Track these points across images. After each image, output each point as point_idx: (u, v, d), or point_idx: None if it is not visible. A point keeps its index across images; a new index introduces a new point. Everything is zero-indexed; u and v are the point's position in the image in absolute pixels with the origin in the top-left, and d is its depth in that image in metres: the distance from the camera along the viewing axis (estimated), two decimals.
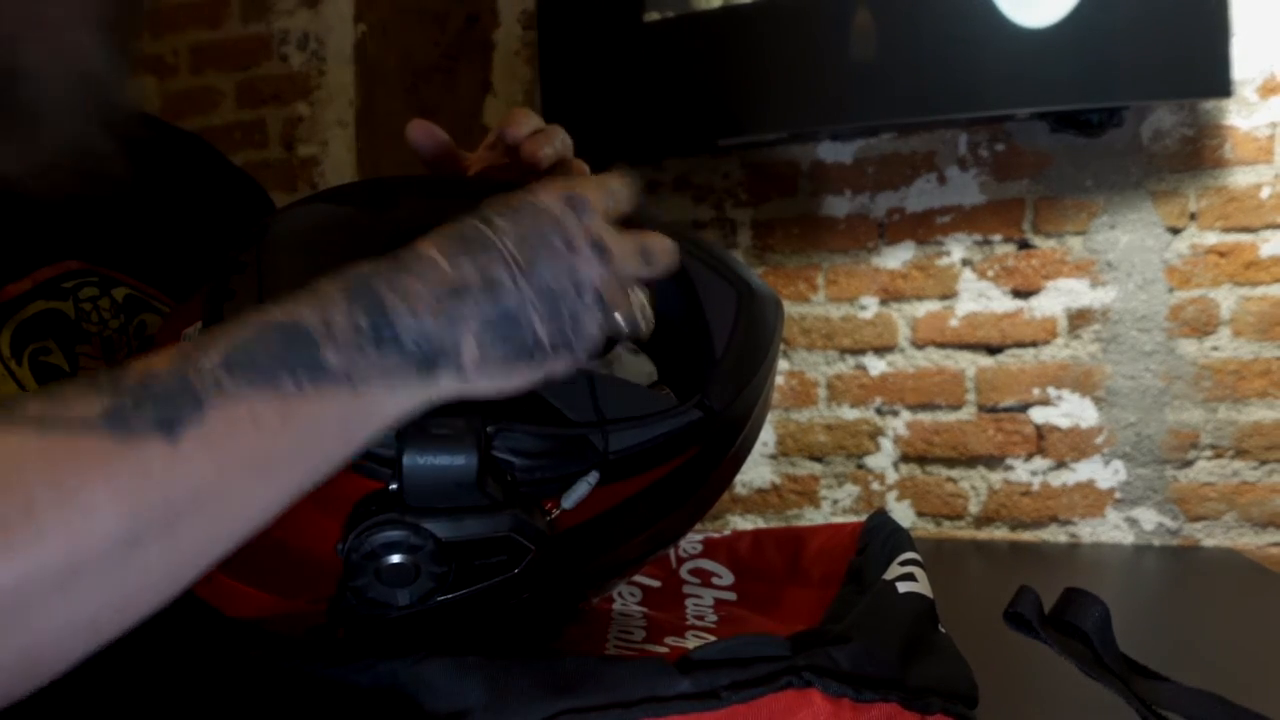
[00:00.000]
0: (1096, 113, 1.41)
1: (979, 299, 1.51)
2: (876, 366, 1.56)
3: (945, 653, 0.44)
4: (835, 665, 0.38)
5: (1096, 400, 1.46)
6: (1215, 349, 1.42)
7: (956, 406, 1.53)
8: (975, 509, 1.53)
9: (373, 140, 1.82)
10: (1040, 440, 1.49)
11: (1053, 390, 1.48)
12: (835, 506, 1.59)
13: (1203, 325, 1.42)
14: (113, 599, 0.30)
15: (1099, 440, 1.47)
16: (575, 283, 0.36)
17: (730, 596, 0.57)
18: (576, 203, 0.37)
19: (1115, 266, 1.45)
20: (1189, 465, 1.43)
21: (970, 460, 1.53)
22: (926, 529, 1.55)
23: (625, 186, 0.41)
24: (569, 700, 0.37)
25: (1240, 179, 1.40)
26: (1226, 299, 1.41)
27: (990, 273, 1.50)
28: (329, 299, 0.34)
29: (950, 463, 1.54)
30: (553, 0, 1.62)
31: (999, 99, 1.39)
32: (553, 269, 0.35)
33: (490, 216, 0.37)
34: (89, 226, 0.53)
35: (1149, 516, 1.45)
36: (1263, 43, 1.38)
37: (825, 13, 1.44)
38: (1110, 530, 1.47)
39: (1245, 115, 1.40)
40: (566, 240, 0.36)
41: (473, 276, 0.35)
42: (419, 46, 1.81)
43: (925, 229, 1.53)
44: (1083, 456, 1.47)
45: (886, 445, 1.56)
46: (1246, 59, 1.37)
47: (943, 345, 1.53)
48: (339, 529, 0.36)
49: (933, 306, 1.53)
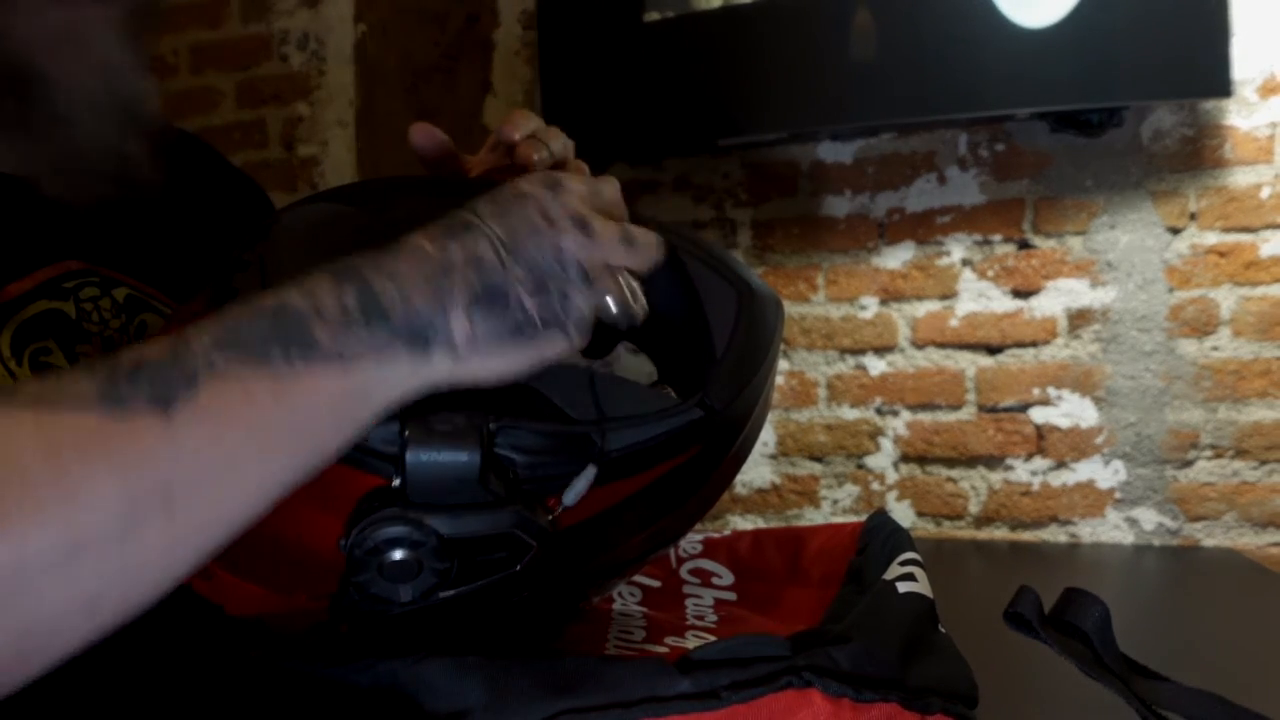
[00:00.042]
0: (1096, 113, 1.41)
1: (979, 299, 1.51)
2: (876, 366, 1.56)
3: (945, 653, 0.44)
4: (835, 665, 0.38)
5: (1096, 400, 1.46)
6: (1215, 349, 1.42)
7: (956, 406, 1.53)
8: (975, 509, 1.53)
9: (373, 140, 1.82)
10: (1040, 440, 1.49)
11: (1053, 390, 1.48)
12: (835, 506, 1.59)
13: (1203, 325, 1.42)
14: (112, 578, 0.30)
15: (1099, 440, 1.47)
16: (559, 258, 0.37)
17: (730, 596, 0.57)
18: (556, 185, 0.39)
19: (1115, 266, 1.45)
20: (1189, 465, 1.43)
21: (970, 460, 1.53)
22: (926, 529, 1.55)
23: (609, 183, 0.42)
24: (569, 700, 0.37)
25: (1240, 179, 1.40)
26: (1226, 299, 1.41)
27: (990, 273, 1.50)
28: (317, 283, 0.34)
29: (950, 463, 1.54)
30: (553, 0, 1.62)
31: (999, 99, 1.39)
32: (536, 243, 0.36)
33: (474, 205, 0.38)
34: (90, 227, 0.53)
35: (1149, 516, 1.45)
36: (1263, 43, 1.38)
37: (825, 13, 1.44)
38: (1110, 530, 1.47)
39: (1245, 115, 1.40)
40: (547, 216, 0.37)
41: (458, 256, 0.36)
42: (419, 46, 1.81)
43: (925, 229, 1.53)
44: (1083, 456, 1.47)
45: (886, 445, 1.56)
46: (1246, 59, 1.37)
47: (943, 345, 1.53)
48: (341, 526, 0.36)
49: (933, 306, 1.53)
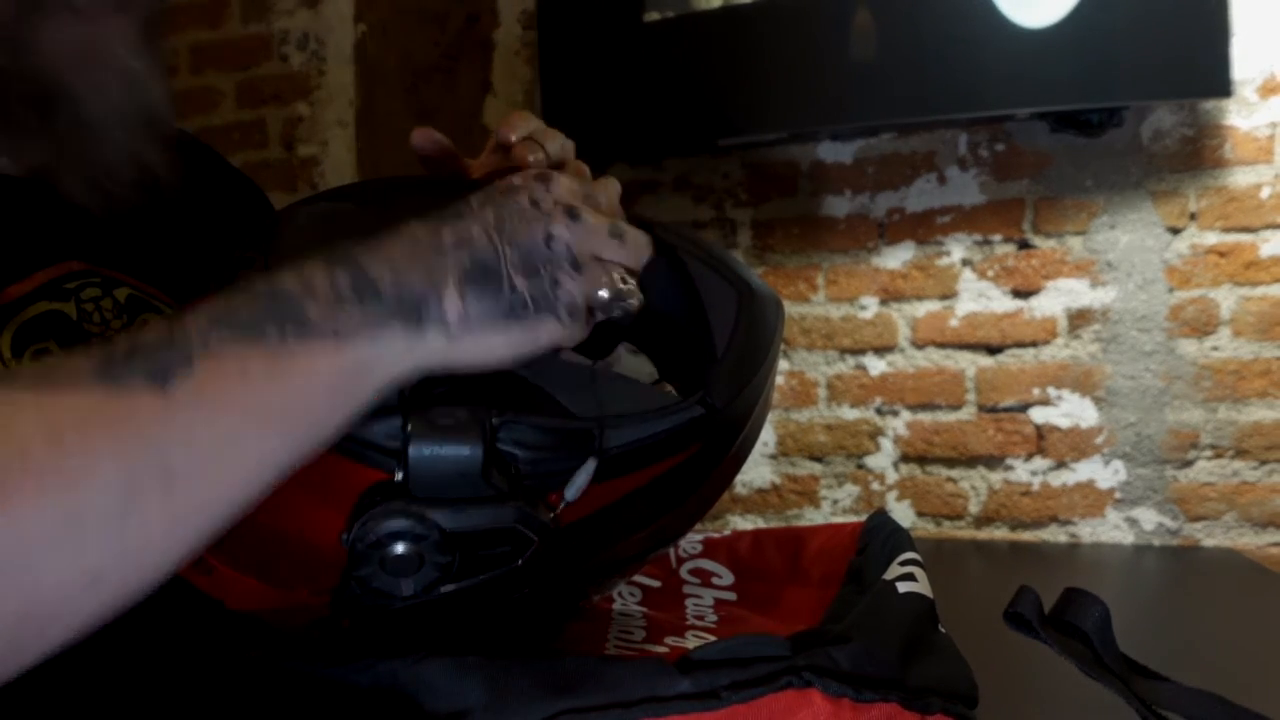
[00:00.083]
0: (1096, 113, 1.41)
1: (979, 299, 1.51)
2: (876, 366, 1.56)
3: (945, 653, 0.44)
4: (835, 665, 0.38)
5: (1096, 400, 1.46)
6: (1215, 349, 1.42)
7: (956, 406, 1.53)
8: (975, 509, 1.53)
9: (373, 140, 1.82)
10: (1040, 440, 1.49)
11: (1053, 390, 1.48)
12: (835, 506, 1.59)
13: (1203, 325, 1.42)
14: (114, 555, 0.30)
15: (1099, 440, 1.47)
16: (549, 243, 0.37)
17: (730, 596, 0.57)
18: (546, 178, 0.40)
19: (1115, 266, 1.45)
20: (1189, 465, 1.43)
21: (970, 460, 1.53)
22: (926, 529, 1.55)
23: (609, 184, 0.44)
24: (569, 700, 0.37)
25: (1240, 179, 1.40)
26: (1226, 299, 1.41)
27: (990, 273, 1.50)
28: (310, 267, 0.35)
29: (950, 463, 1.54)
30: (553, 0, 1.62)
31: (999, 99, 1.39)
32: (526, 228, 0.37)
33: (467, 198, 0.39)
34: (91, 227, 0.53)
35: (1149, 516, 1.45)
36: (1263, 43, 1.38)
37: (825, 13, 1.44)
38: (1110, 530, 1.47)
39: (1245, 115, 1.40)
40: (536, 204, 0.38)
41: (450, 239, 0.37)
42: (419, 46, 1.81)
43: (925, 229, 1.53)
44: (1083, 456, 1.47)
45: (886, 445, 1.56)
46: (1246, 59, 1.37)
47: (943, 345, 1.53)
48: (343, 520, 0.36)
49: (933, 306, 1.53)
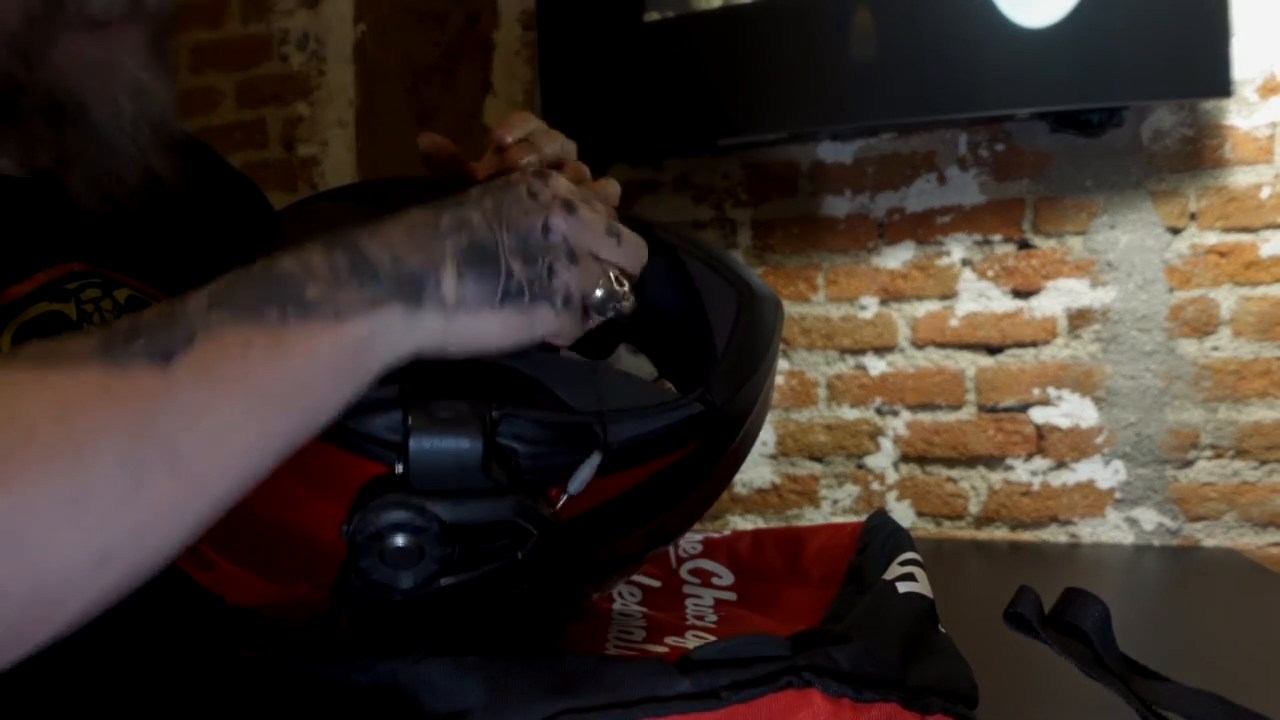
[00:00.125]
0: (1096, 113, 1.41)
1: (979, 299, 1.51)
2: (876, 366, 1.56)
3: (945, 653, 0.44)
4: (835, 665, 0.38)
5: (1096, 400, 1.46)
6: (1215, 349, 1.42)
7: (956, 406, 1.53)
8: (975, 509, 1.53)
9: (373, 140, 1.82)
10: (1040, 440, 1.49)
11: (1053, 390, 1.48)
12: (835, 506, 1.59)
13: (1203, 325, 1.42)
14: (121, 533, 0.30)
15: (1099, 440, 1.47)
16: (546, 231, 0.38)
17: (730, 596, 0.57)
18: (543, 174, 0.41)
19: (1115, 266, 1.45)
20: (1189, 465, 1.43)
21: (970, 460, 1.53)
22: (926, 529, 1.55)
23: (609, 185, 0.45)
24: (569, 700, 0.37)
25: (1240, 179, 1.40)
26: (1227, 299, 1.41)
27: (990, 273, 1.50)
28: (308, 250, 0.36)
29: (950, 463, 1.54)
30: (553, 0, 1.62)
31: (999, 99, 1.39)
32: (523, 217, 0.38)
33: (466, 190, 0.40)
34: (91, 228, 0.53)
35: (1149, 516, 1.45)
36: (1263, 43, 1.38)
37: (825, 13, 1.44)
38: (1110, 530, 1.47)
39: (1245, 115, 1.40)
40: (533, 194, 0.39)
41: (447, 221, 0.37)
42: (419, 46, 1.81)
43: (925, 229, 1.53)
44: (1083, 456, 1.47)
45: (886, 445, 1.56)
46: (1246, 59, 1.38)
47: (943, 345, 1.53)
48: (343, 514, 0.36)
49: (933, 306, 1.53)
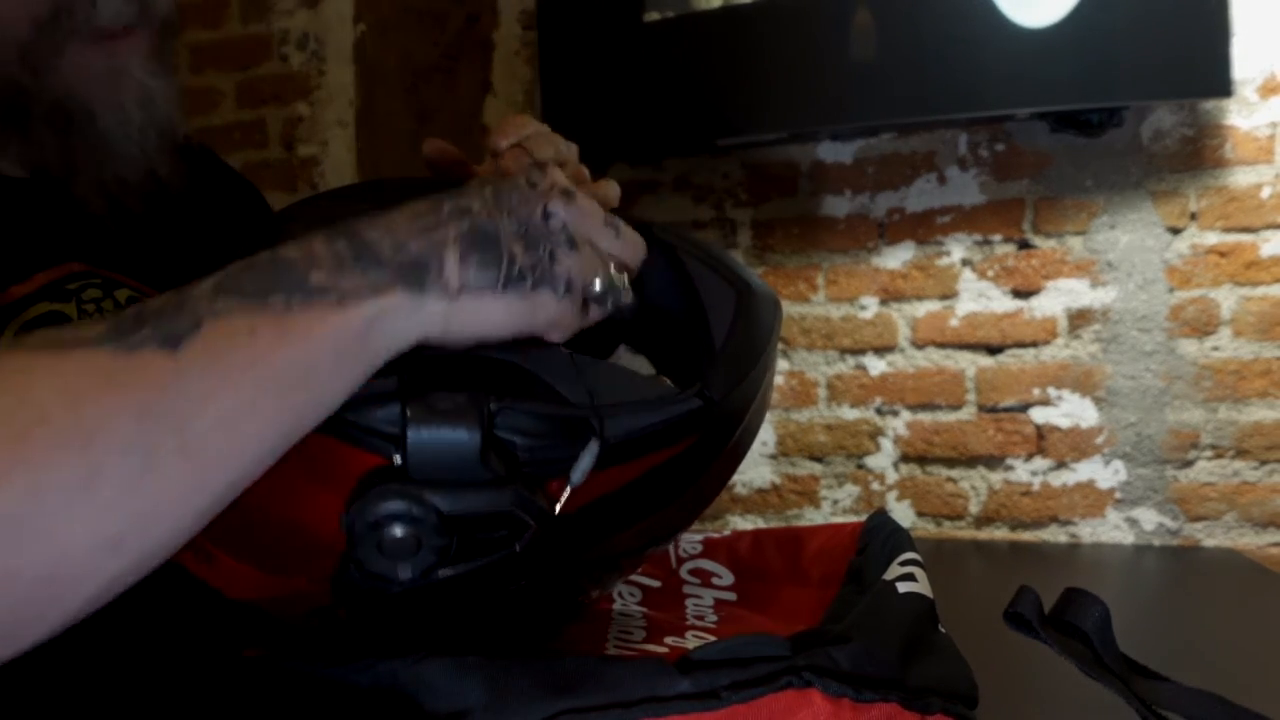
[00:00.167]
0: (1096, 113, 1.41)
1: (979, 299, 1.51)
2: (876, 366, 1.56)
3: (945, 653, 0.44)
4: (835, 665, 0.38)
5: (1097, 400, 1.46)
6: (1216, 349, 1.42)
7: (956, 406, 1.53)
8: (975, 509, 1.53)
9: (373, 140, 1.82)
10: (1040, 440, 1.49)
11: (1053, 390, 1.48)
12: (835, 506, 1.59)
13: (1203, 325, 1.42)
14: (133, 514, 0.30)
15: (1099, 440, 1.47)
16: (546, 217, 0.39)
17: (730, 596, 0.57)
18: (540, 164, 0.42)
19: (1115, 266, 1.45)
20: (1189, 465, 1.43)
21: (970, 460, 1.53)
22: (926, 529, 1.55)
23: (609, 186, 0.45)
24: (569, 700, 0.37)
25: (1240, 179, 1.40)
26: (1227, 299, 1.41)
27: (990, 273, 1.50)
28: (311, 239, 0.36)
29: (950, 463, 1.54)
30: (553, 0, 1.62)
31: (999, 99, 1.39)
32: (524, 204, 0.39)
33: (466, 185, 0.41)
34: (91, 229, 0.53)
35: (1149, 516, 1.45)
36: (1263, 42, 1.38)
37: (825, 13, 1.44)
38: (1110, 530, 1.47)
39: (1245, 115, 1.40)
40: (532, 183, 0.40)
41: (449, 208, 0.38)
42: (419, 46, 1.81)
43: (925, 229, 1.53)
44: (1083, 456, 1.47)
45: (886, 445, 1.56)
46: (1246, 59, 1.38)
47: (943, 345, 1.53)
48: (342, 505, 0.36)
49: (933, 306, 1.53)
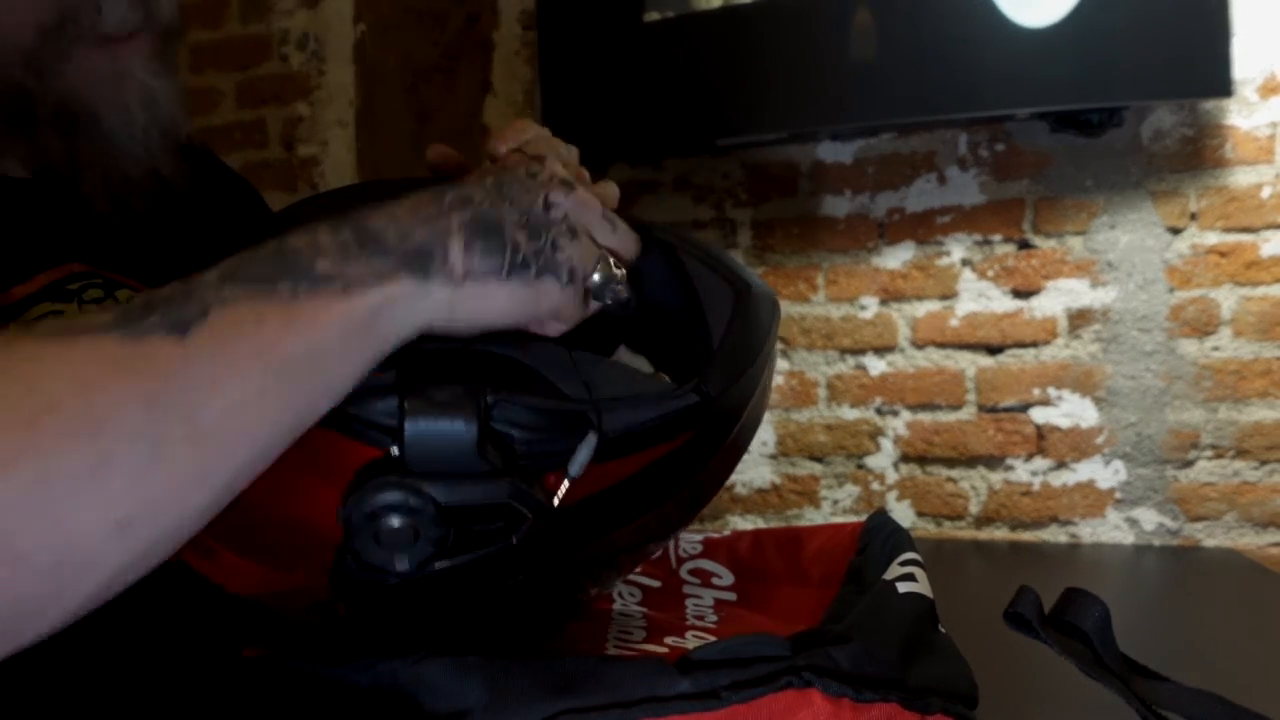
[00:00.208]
0: (1096, 113, 1.41)
1: (979, 299, 1.51)
2: (876, 366, 1.56)
3: (945, 653, 0.44)
4: (835, 665, 0.38)
5: (1097, 400, 1.46)
6: (1216, 349, 1.42)
7: (956, 406, 1.53)
8: (975, 509, 1.53)
9: (373, 140, 1.82)
10: (1040, 440, 1.49)
11: (1053, 390, 1.48)
12: (835, 506, 1.59)
13: (1203, 325, 1.42)
14: (141, 499, 0.30)
15: (1099, 440, 1.47)
16: (548, 206, 0.39)
17: (730, 596, 0.57)
18: (539, 157, 0.43)
19: (1115, 266, 1.45)
20: (1189, 465, 1.43)
21: (970, 460, 1.53)
22: (926, 529, 1.55)
23: (607, 187, 0.46)
24: (569, 700, 0.37)
25: (1241, 179, 1.40)
26: (1227, 299, 1.41)
27: (990, 273, 1.50)
28: (315, 228, 0.36)
29: (950, 463, 1.54)
30: (553, 0, 1.62)
31: (999, 99, 1.39)
32: (525, 192, 0.39)
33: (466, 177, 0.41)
34: (91, 229, 0.53)
35: (1149, 516, 1.45)
36: (1263, 42, 1.38)
37: (825, 13, 1.44)
38: (1110, 530, 1.47)
39: (1246, 115, 1.40)
40: (532, 174, 0.41)
41: (451, 198, 0.38)
42: (419, 46, 1.81)
43: (925, 229, 1.53)
44: (1083, 456, 1.47)
45: (886, 445, 1.56)
46: (1247, 59, 1.38)
47: (943, 345, 1.53)
48: (341, 499, 0.36)
49: (933, 306, 1.53)
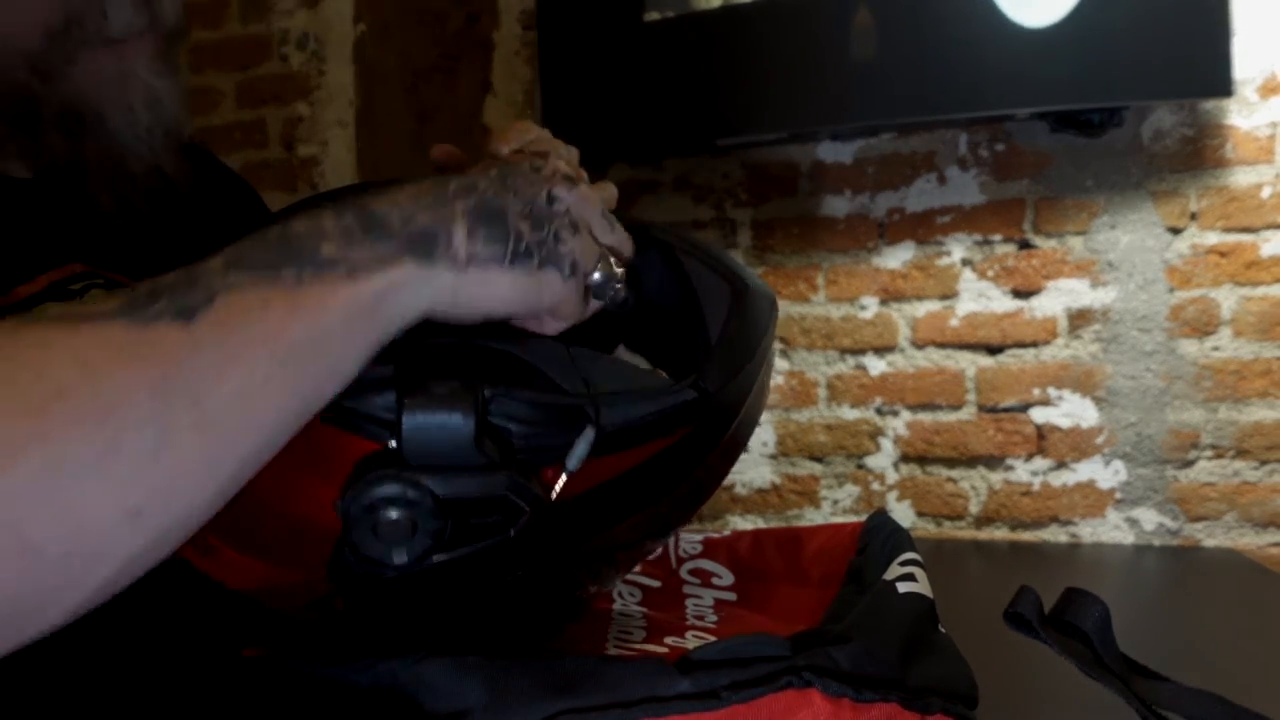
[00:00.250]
0: (1097, 113, 1.41)
1: (979, 299, 1.51)
2: (876, 366, 1.56)
3: (945, 653, 0.44)
4: (835, 665, 0.38)
5: (1097, 400, 1.46)
6: (1216, 349, 1.42)
7: (957, 406, 1.53)
8: (975, 509, 1.53)
9: (373, 140, 1.82)
10: (1040, 440, 1.49)
11: (1053, 390, 1.48)
12: (835, 506, 1.59)
13: (1203, 325, 1.42)
14: (151, 486, 0.30)
15: (1099, 440, 1.47)
16: (550, 199, 0.39)
17: (730, 596, 0.57)
18: (542, 154, 0.43)
19: (1116, 266, 1.45)
20: (1189, 465, 1.43)
21: (970, 460, 1.53)
22: (926, 529, 1.55)
23: (606, 188, 0.46)
24: (569, 700, 0.37)
25: (1241, 179, 1.40)
26: (1227, 299, 1.41)
27: (990, 273, 1.50)
28: (318, 213, 0.36)
29: (950, 463, 1.54)
30: (553, 0, 1.62)
31: (999, 99, 1.39)
32: (528, 184, 0.39)
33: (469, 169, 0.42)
34: (91, 230, 0.53)
35: (1149, 517, 1.45)
36: (1263, 42, 1.38)
37: (825, 13, 1.44)
38: (1110, 530, 1.47)
39: (1246, 115, 1.40)
40: (535, 169, 0.41)
41: (455, 186, 0.38)
42: (419, 46, 1.81)
43: (925, 229, 1.53)
44: (1083, 457, 1.47)
45: (886, 445, 1.56)
46: (1247, 58, 1.38)
47: (943, 345, 1.53)
48: (339, 492, 0.36)
49: (933, 306, 1.53)
